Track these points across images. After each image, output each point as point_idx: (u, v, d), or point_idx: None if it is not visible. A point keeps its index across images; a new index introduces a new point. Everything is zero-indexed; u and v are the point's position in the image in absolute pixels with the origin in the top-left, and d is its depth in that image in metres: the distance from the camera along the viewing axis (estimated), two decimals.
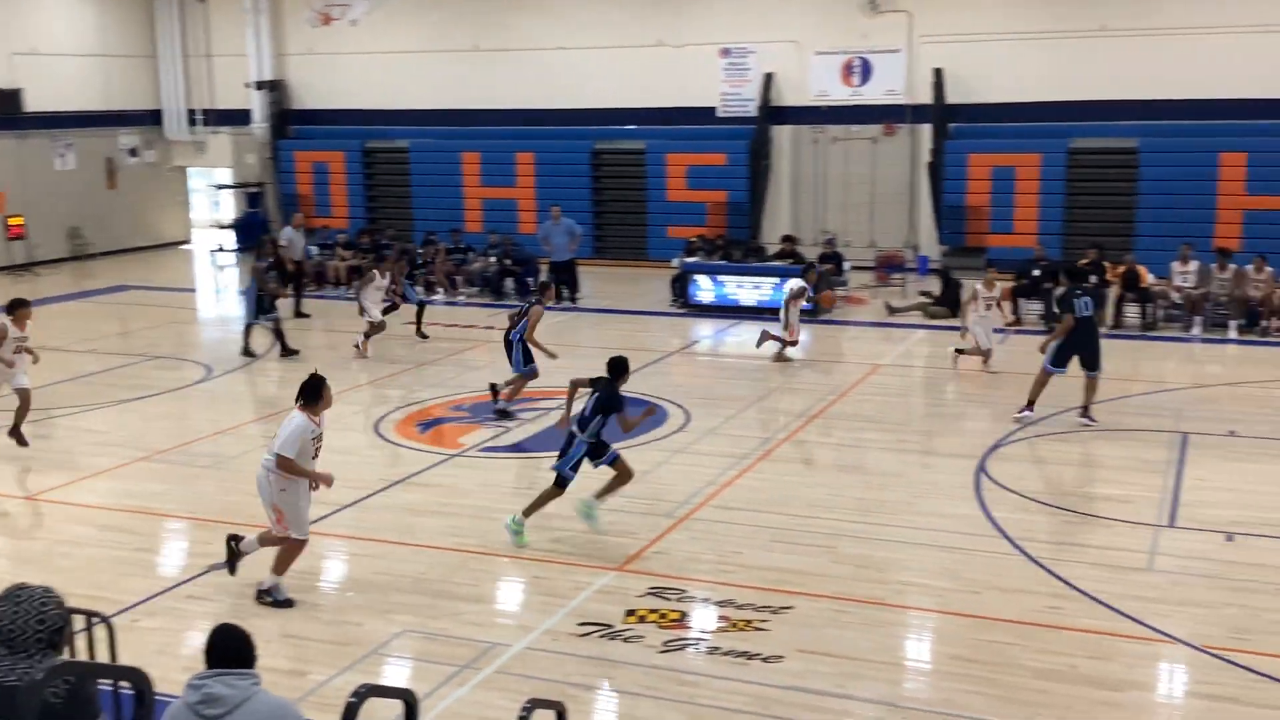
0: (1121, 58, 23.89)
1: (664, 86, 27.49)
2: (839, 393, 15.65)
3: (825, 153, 26.82)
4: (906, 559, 10.04)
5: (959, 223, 25.00)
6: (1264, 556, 9.91)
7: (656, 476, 12.25)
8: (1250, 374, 16.51)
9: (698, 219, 26.56)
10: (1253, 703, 7.53)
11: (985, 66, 24.99)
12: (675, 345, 19.39)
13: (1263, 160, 22.82)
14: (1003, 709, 7.51)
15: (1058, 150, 24.34)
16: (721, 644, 8.43)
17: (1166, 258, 19.86)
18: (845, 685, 7.84)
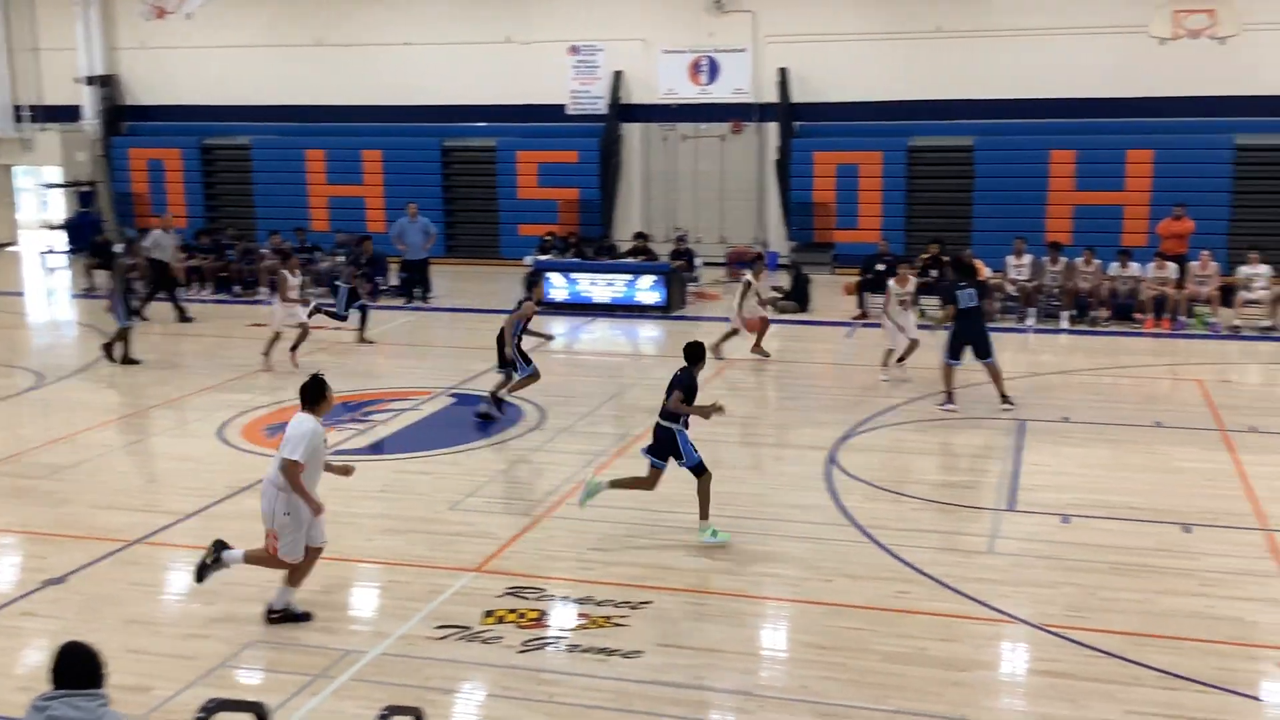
0: (957, 59, 24.74)
1: (513, 83, 27.36)
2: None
3: (675, 150, 27.08)
4: (761, 550, 10.18)
5: (807, 219, 25.53)
6: (1097, 537, 10.36)
7: (513, 475, 12.17)
8: (1081, 362, 17.26)
9: (550, 217, 26.52)
10: (1089, 677, 7.86)
11: (828, 66, 25.59)
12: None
13: (1091, 158, 23.91)
14: (856, 693, 7.68)
15: (898, 148, 25.06)
16: (581, 641, 8.41)
17: (1002, 251, 20.63)
18: (704, 677, 7.91)
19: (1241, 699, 7.58)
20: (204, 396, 15.53)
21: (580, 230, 25.96)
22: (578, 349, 19.55)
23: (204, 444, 13.40)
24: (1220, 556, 9.89)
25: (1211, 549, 10.06)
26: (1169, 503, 11.16)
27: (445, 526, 10.69)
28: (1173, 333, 19.07)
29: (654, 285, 21.33)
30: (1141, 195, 23.57)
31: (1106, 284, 19.95)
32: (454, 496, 11.48)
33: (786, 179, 25.61)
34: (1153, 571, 9.57)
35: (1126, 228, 23.42)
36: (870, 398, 15.13)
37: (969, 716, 7.39)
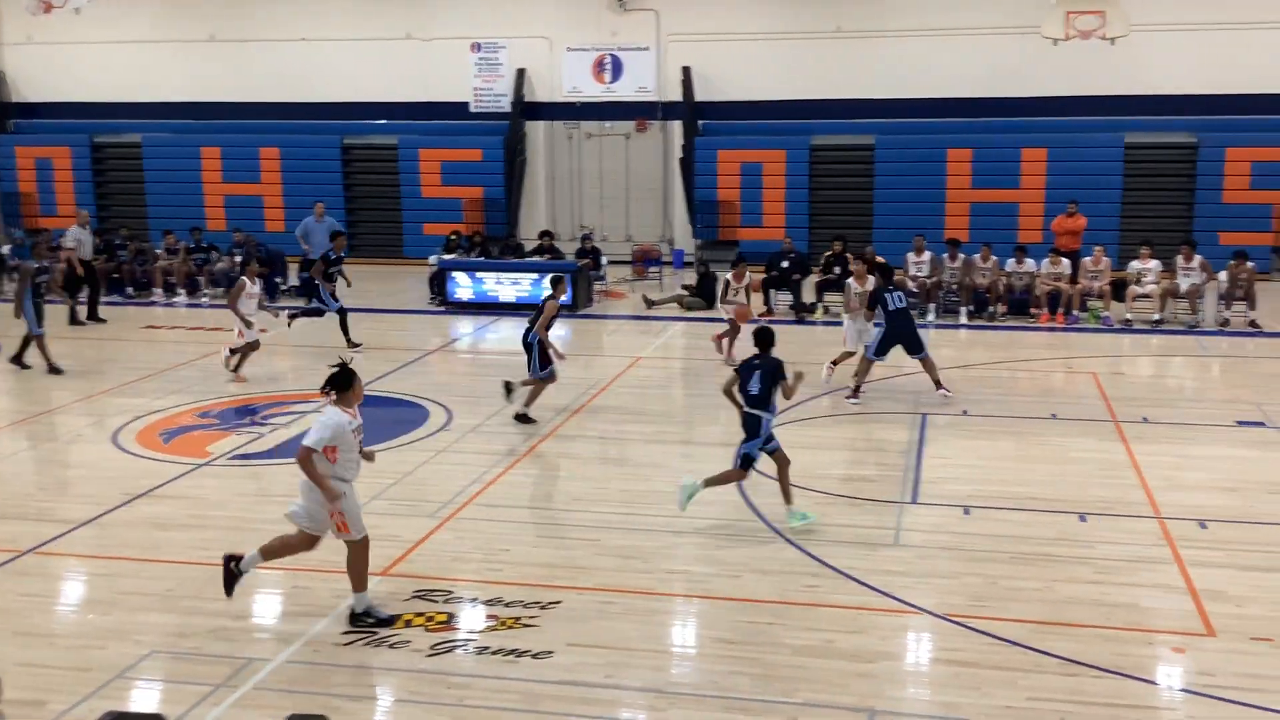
0: (857, 58, 25.10)
1: (415, 80, 27.08)
2: (600, 386, 15.78)
3: (580, 148, 27.05)
4: (670, 547, 10.20)
5: (712, 217, 25.67)
6: (997, 528, 10.57)
7: (419, 477, 12.02)
8: (980, 356, 17.61)
9: (454, 215, 26.31)
10: (992, 665, 8.01)
11: (731, 65, 25.77)
12: (435, 343, 19.12)
13: (986, 156, 24.44)
14: (765, 687, 7.73)
15: (801, 147, 25.33)
16: (490, 643, 8.34)
17: (903, 248, 20.96)
18: (615, 675, 7.90)
19: (1138, 683, 7.79)
20: (98, 401, 15.08)
21: (485, 229, 25.78)
22: (484, 349, 19.41)
23: (98, 450, 13.02)
24: (1116, 545, 10.16)
25: (1107, 537, 10.33)
26: (1066, 493, 11.44)
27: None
28: (1067, 327, 19.56)
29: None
30: (1036, 193, 24.15)
31: (1003, 280, 20.38)
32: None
33: (691, 177, 25.73)
34: (1051, 560, 9.79)
35: (1022, 224, 23.97)
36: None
37: (876, 707, 7.49)
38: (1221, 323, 19.51)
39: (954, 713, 7.43)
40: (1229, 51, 23.47)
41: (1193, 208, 23.86)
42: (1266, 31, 23.29)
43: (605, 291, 22.83)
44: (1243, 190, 23.51)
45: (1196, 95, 23.81)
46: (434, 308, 21.84)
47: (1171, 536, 10.26)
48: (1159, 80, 23.79)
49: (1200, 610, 8.78)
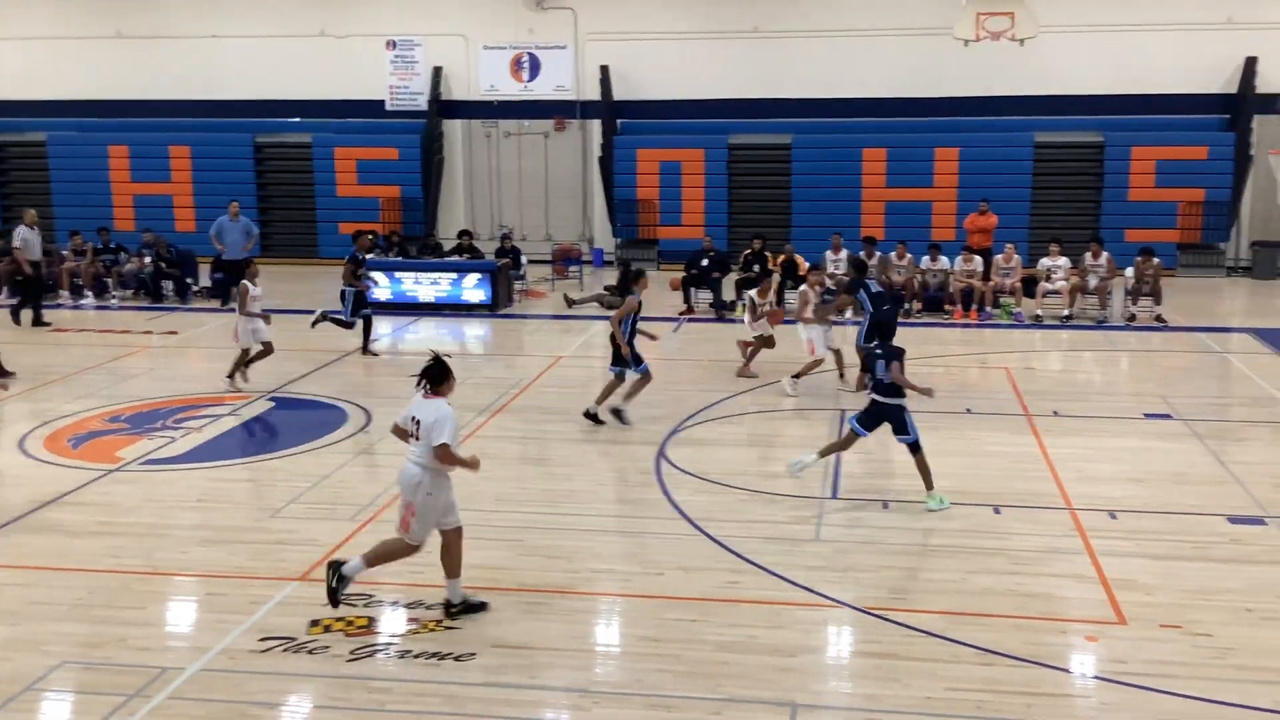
0: (774, 58, 25.28)
1: (329, 78, 26.74)
2: (521, 386, 15.71)
3: (498, 147, 26.93)
4: (593, 546, 10.19)
5: (631, 216, 25.70)
6: (915, 521, 10.73)
7: (339, 479, 11.87)
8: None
9: (371, 215, 26.02)
10: (911, 657, 8.13)
11: (649, 64, 25.82)
12: (353, 344, 18.87)
13: (900, 155, 24.78)
14: (689, 684, 7.75)
15: (719, 146, 25.47)
16: (412, 647, 8.26)
17: (820, 246, 21.16)
18: (538, 676, 7.87)
19: (1053, 671, 7.95)
20: (3, 406, 14.65)
21: (403, 228, 25.53)
22: (403, 349, 19.20)
23: (4, 457, 12.65)
24: (1029, 536, 10.36)
25: (1021, 529, 10.53)
26: (980, 486, 11.64)
27: (267, 535, 10.35)
28: (980, 323, 19.90)
29: (479, 284, 21.13)
30: (949, 191, 24.54)
31: (918, 277, 20.68)
32: (276, 503, 11.13)
33: (610, 176, 25.73)
34: (967, 552, 9.96)
35: (935, 222, 24.35)
36: (697, 392, 15.32)
37: (797, 701, 7.55)
38: (1128, 318, 20.00)
39: (875, 705, 7.52)
40: (1134, 53, 24.07)
41: (1100, 205, 24.43)
42: (1170, 33, 23.92)
43: (526, 291, 22.74)
44: (1148, 188, 24.13)
45: (1103, 95, 24.39)
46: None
47: (1083, 527, 10.49)
48: (1067, 81, 24.31)
49: (1111, 599, 8.98)
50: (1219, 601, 8.93)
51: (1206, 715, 7.34)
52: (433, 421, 8.35)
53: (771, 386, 15.14)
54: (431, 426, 8.35)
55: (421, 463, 8.44)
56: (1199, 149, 23.97)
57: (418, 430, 8.46)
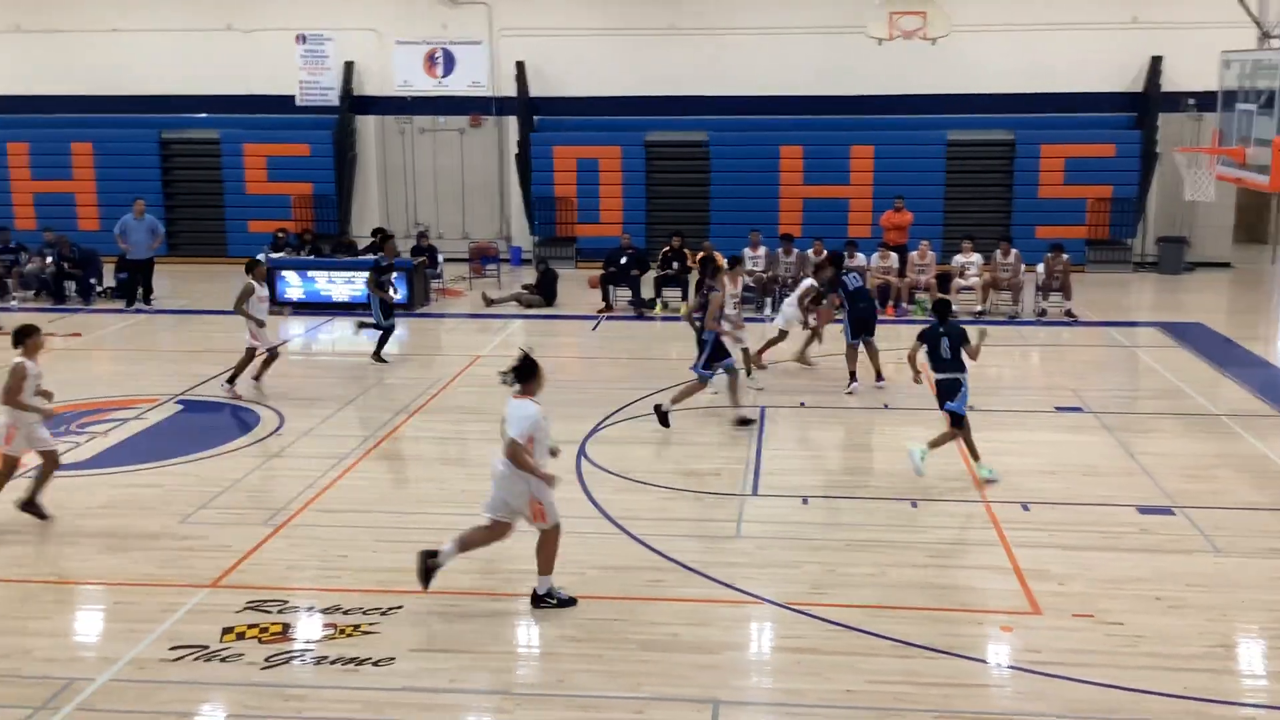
0: (690, 56, 25.34)
1: (237, 72, 26.22)
2: (439, 386, 15.54)
3: (413, 144, 26.62)
4: (514, 547, 10.05)
5: (549, 213, 25.57)
6: (834, 516, 10.81)
7: (250, 484, 11.62)
8: (813, 349, 17.95)
9: (282, 212, 25.57)
10: (831, 651, 8.18)
11: (565, 61, 25.71)
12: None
13: (817, 153, 24.96)
14: (611, 683, 7.72)
15: (636, 143, 25.44)
16: (329, 652, 8.11)
17: (739, 243, 21.22)
18: (459, 679, 7.77)
19: (969, 662, 8.06)
20: None
21: (315, 226, 25.13)
22: (317, 349, 18.90)
23: None
24: (945, 529, 10.51)
25: (937, 522, 10.67)
26: (898, 480, 11.76)
27: (177, 541, 10.11)
28: (896, 319, 20.12)
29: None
30: (864, 189, 24.78)
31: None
32: (185, 509, 10.87)
33: (527, 173, 25.58)
34: (885, 546, 10.06)
35: (852, 219, 24.55)
36: (617, 390, 15.28)
37: (720, 698, 7.56)
38: (1039, 313, 20.38)
39: (796, 699, 7.56)
40: (1043, 52, 24.52)
41: (1011, 202, 24.85)
42: (1078, 32, 24.40)
43: (442, 289, 22.51)
44: (1057, 186, 24.60)
45: (1013, 94, 24.80)
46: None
47: (997, 519, 10.65)
48: (978, 79, 24.69)
49: (1026, 590, 9.13)
50: (1129, 590, 9.12)
51: (1118, 702, 7.49)
52: (511, 417, 8.57)
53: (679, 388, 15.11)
54: (507, 422, 8.56)
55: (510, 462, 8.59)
56: (1107, 147, 24.49)
57: (502, 426, 8.65)
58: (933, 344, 11.94)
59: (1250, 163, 15.64)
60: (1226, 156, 16.53)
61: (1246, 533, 10.32)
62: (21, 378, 10.28)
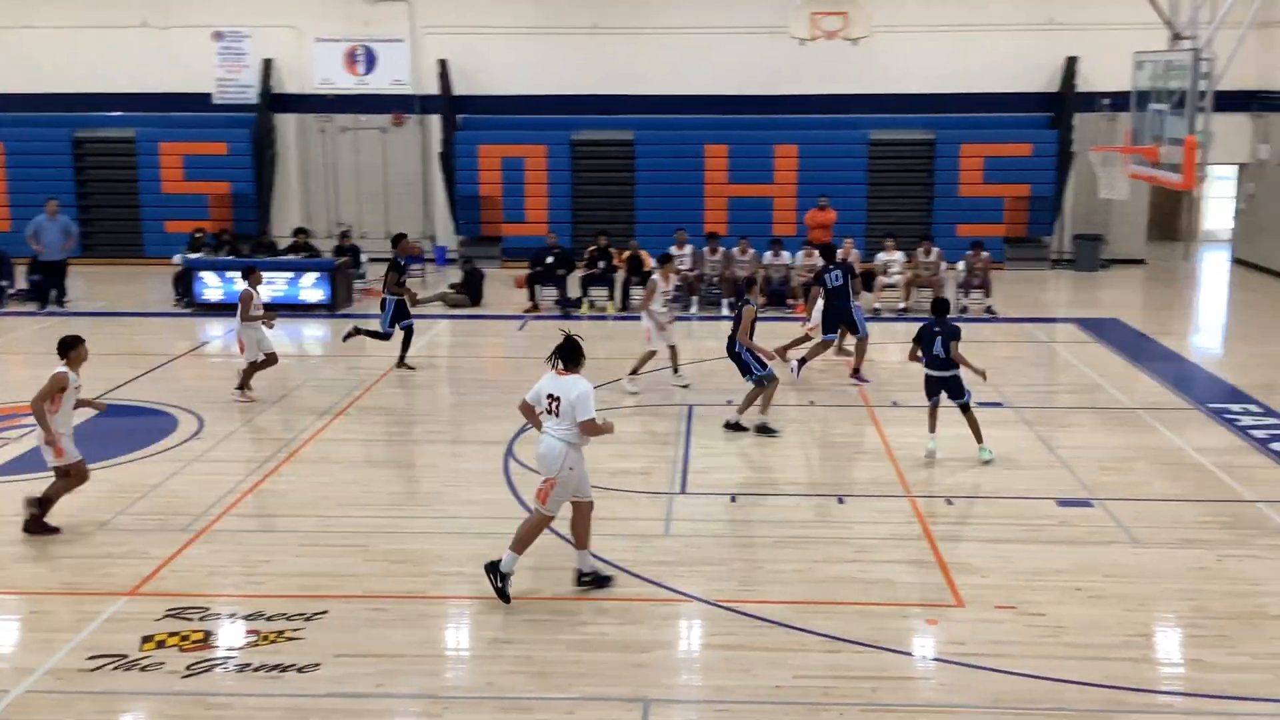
0: (615, 54, 25.32)
1: (153, 70, 25.69)
2: (364, 387, 15.35)
3: (334, 142, 26.27)
4: (441, 550, 10.01)
5: (474, 213, 25.40)
6: (762, 513, 10.87)
7: (169, 489, 11.39)
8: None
9: (200, 212, 25.10)
10: (760, 647, 8.22)
11: (489, 59, 25.56)
12: (183, 347, 18.18)
13: (741, 152, 25.09)
14: (540, 685, 7.68)
15: (562, 142, 25.37)
16: (252, 659, 7.97)
17: (665, 242, 21.23)
18: (385, 684, 7.68)
19: (895, 655, 8.15)
20: None
21: (234, 226, 24.70)
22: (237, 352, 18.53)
23: None
24: (871, 524, 10.60)
25: (863, 517, 10.77)
26: (824, 476, 11.88)
27: (93, 549, 9.87)
28: None
29: (317, 283, 20.57)
30: (789, 187, 24.96)
31: (761, 272, 20.99)
32: (102, 515, 10.61)
33: (451, 172, 25.37)
34: (812, 542, 10.14)
35: (777, 218, 24.71)
36: None
37: (650, 696, 7.56)
38: (960, 310, 20.66)
39: (725, 696, 7.58)
40: (962, 53, 24.87)
41: (932, 201, 25.18)
42: (995, 33, 24.77)
43: (366, 290, 22.24)
44: (977, 184, 24.98)
45: (933, 94, 25.14)
46: (180, 309, 20.75)
47: (922, 514, 10.78)
48: (899, 80, 24.98)
49: (950, 583, 9.25)
50: (1050, 582, 9.28)
51: (1041, 692, 7.61)
52: (575, 397, 8.72)
53: (618, 382, 15.11)
54: (575, 402, 8.71)
55: (565, 438, 8.75)
56: (1024, 146, 24.92)
57: (556, 407, 8.75)
58: (928, 342, 12.16)
59: (1163, 161, 15.99)
60: (1140, 155, 16.88)
61: (1163, 523, 10.56)
62: (61, 388, 10.10)
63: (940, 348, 12.08)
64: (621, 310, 20.37)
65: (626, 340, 16.59)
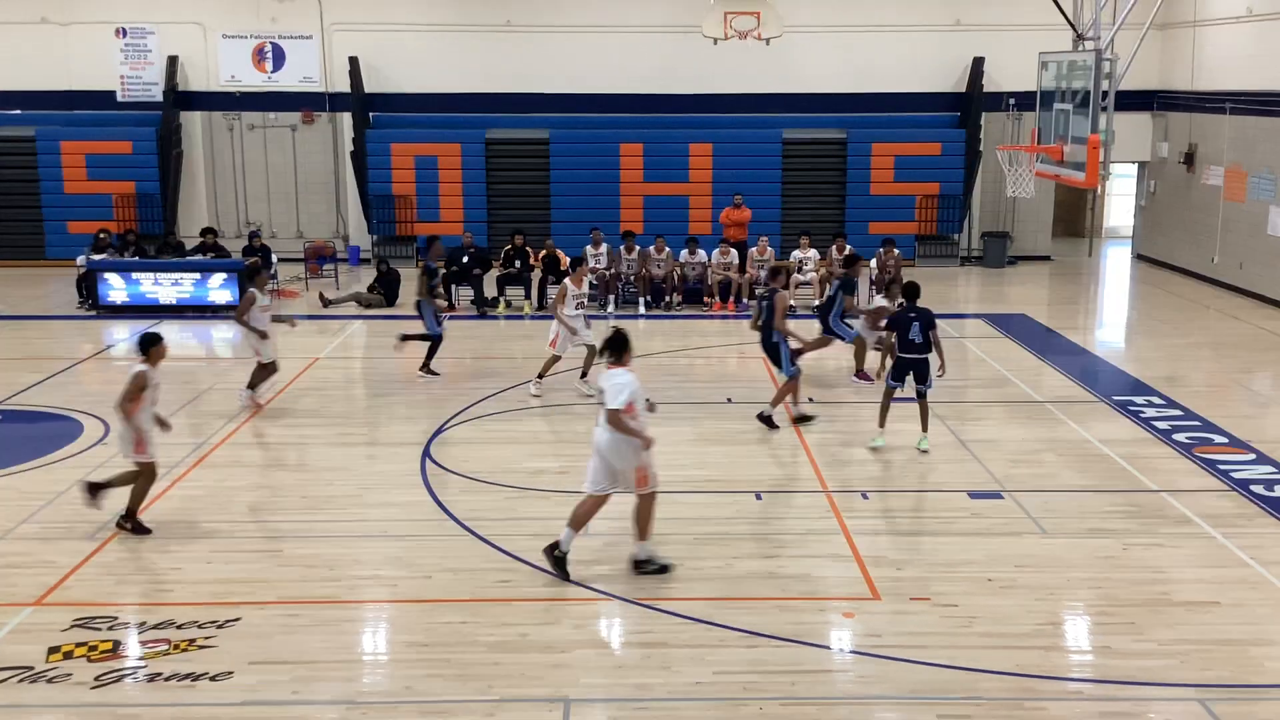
0: (529, 53, 25.21)
1: (53, 68, 25.04)
2: (276, 389, 15.09)
3: (243, 141, 25.80)
4: (357, 553, 9.88)
5: (387, 212, 25.12)
6: (681, 510, 10.87)
7: (74, 496, 11.08)
8: (659, 345, 18.12)
9: (104, 212, 24.50)
10: (680, 644, 8.25)
11: (401, 57, 25.31)
12: (87, 351, 17.73)
13: (656, 150, 25.14)
14: (460, 687, 7.63)
15: (476, 140, 25.21)
16: (163, 669, 7.80)
17: (581, 241, 21.23)
18: (302, 691, 7.57)
19: (813, 649, 8.23)
20: None
21: (140, 226, 24.15)
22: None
23: None
24: (788, 519, 10.72)
25: (781, 513, 10.88)
26: (742, 473, 11.94)
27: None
28: (738, 314, 20.41)
29: (226, 283, 20.17)
30: (704, 186, 25.07)
31: (677, 270, 21.07)
32: (5, 524, 10.31)
33: (364, 171, 25.07)
34: (731, 538, 10.20)
35: (692, 216, 24.82)
36: (461, 391, 15.11)
37: (570, 695, 7.55)
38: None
39: (646, 694, 7.59)
40: (872, 53, 25.21)
41: (845, 199, 25.49)
42: (904, 34, 25.16)
43: (277, 290, 21.88)
44: (888, 183, 25.32)
45: (844, 94, 25.43)
46: (84, 312, 20.23)
47: (838, 508, 10.90)
48: (811, 80, 25.23)
49: (866, 576, 9.37)
50: (963, 573, 9.44)
51: (956, 682, 7.75)
52: (607, 388, 9.08)
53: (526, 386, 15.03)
54: (605, 392, 9.06)
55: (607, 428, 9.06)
56: (933, 145, 25.33)
57: (601, 398, 9.12)
58: (903, 328, 12.39)
59: (1067, 160, 16.35)
60: (1045, 154, 17.24)
61: (1071, 514, 10.81)
62: (142, 386, 10.06)
63: (918, 333, 12.35)
64: (538, 310, 20.31)
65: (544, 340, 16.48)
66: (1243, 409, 14.55)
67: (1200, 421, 13.68)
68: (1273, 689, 7.73)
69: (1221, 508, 10.94)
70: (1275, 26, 20.82)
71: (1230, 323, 19.63)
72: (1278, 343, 18.08)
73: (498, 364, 16.52)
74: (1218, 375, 16.22)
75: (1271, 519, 10.66)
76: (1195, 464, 12.20)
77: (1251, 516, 10.73)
